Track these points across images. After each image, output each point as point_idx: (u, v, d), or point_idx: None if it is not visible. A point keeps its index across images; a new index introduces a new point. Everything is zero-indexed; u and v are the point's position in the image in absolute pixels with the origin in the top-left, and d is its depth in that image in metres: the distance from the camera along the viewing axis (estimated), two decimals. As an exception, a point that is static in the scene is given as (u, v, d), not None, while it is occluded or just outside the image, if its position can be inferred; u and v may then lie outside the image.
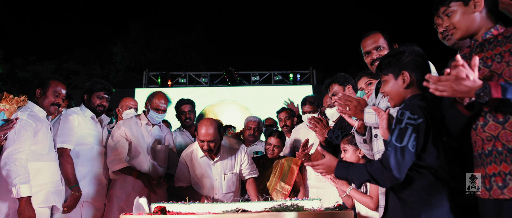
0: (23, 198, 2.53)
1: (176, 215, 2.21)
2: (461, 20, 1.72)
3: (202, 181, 3.35)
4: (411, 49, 1.80)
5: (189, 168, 3.37)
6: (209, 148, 3.16)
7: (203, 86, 10.45)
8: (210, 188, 3.33)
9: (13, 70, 15.41)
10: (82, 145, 3.18)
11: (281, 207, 2.21)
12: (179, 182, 3.39)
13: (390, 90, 1.84)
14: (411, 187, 1.65)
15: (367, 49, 2.59)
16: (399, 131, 1.63)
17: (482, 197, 1.64)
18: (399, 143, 1.60)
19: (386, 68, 1.84)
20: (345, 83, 3.25)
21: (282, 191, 3.49)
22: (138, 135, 3.46)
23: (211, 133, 3.12)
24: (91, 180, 3.17)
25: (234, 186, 3.42)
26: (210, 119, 3.27)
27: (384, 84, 1.87)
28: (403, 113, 1.65)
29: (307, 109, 3.84)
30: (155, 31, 19.79)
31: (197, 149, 3.34)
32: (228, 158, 3.40)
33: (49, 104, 2.95)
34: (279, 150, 3.65)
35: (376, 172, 1.65)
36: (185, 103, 4.26)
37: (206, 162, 3.34)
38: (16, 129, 2.67)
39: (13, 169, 2.56)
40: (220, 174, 3.34)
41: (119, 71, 18.35)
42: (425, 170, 1.65)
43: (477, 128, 1.66)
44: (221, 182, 3.34)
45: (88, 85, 3.44)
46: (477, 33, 1.72)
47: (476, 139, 1.67)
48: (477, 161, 1.69)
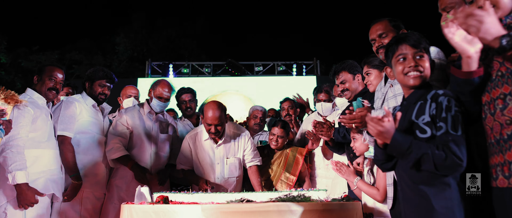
0: (20, 184, 2.50)
1: (178, 205, 2.16)
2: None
3: (203, 164, 3.32)
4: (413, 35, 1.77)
5: (192, 151, 3.35)
6: (216, 130, 3.17)
7: (206, 76, 10.39)
8: (210, 172, 3.30)
9: (16, 60, 15.46)
10: (83, 133, 3.13)
11: (287, 197, 2.15)
12: (180, 165, 3.36)
13: (426, 66, 1.77)
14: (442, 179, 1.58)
15: (373, 37, 2.59)
16: (452, 119, 1.58)
17: (500, 186, 1.55)
18: (455, 131, 1.56)
19: (423, 45, 1.79)
20: (354, 72, 3.15)
21: (286, 182, 3.44)
22: (140, 123, 3.41)
23: (218, 116, 3.13)
24: (92, 169, 3.13)
25: (236, 171, 3.37)
26: (216, 102, 3.25)
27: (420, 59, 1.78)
28: (450, 100, 1.61)
29: (322, 97, 3.76)
30: (158, 21, 19.72)
31: (201, 132, 3.35)
32: (232, 142, 3.39)
33: (46, 89, 2.91)
34: (283, 140, 3.58)
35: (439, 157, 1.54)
36: (185, 92, 4.21)
37: (210, 145, 3.33)
38: (14, 116, 2.63)
39: (9, 156, 2.53)
40: (223, 158, 3.32)
41: (121, 62, 18.36)
42: None
43: (495, 113, 1.58)
44: (223, 166, 3.32)
45: (89, 73, 3.37)
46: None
47: (493, 125, 1.59)
48: (493, 148, 1.60)
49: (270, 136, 3.62)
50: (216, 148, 3.32)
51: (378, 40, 2.56)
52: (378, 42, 2.56)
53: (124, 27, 19.02)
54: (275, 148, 3.59)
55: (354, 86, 3.13)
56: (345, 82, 3.14)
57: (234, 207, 2.08)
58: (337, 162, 2.78)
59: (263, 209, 2.03)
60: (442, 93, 1.65)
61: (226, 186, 3.29)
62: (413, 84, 1.76)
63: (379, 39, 2.56)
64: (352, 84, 3.12)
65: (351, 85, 3.12)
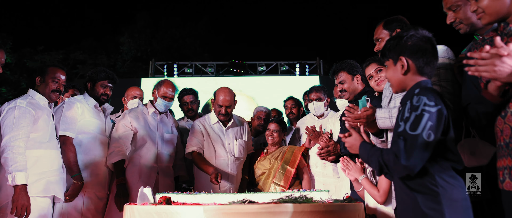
0: (18, 185, 2.50)
1: (181, 206, 2.16)
2: (490, 4, 1.61)
3: (215, 144, 3.48)
4: (412, 33, 1.68)
5: (203, 132, 3.52)
6: (226, 112, 3.46)
7: (209, 76, 10.39)
8: (222, 150, 3.47)
9: (21, 60, 15.60)
10: (85, 133, 3.13)
11: (289, 199, 2.15)
12: (191, 147, 3.42)
13: (390, 76, 1.76)
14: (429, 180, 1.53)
15: (376, 37, 2.62)
16: (414, 117, 1.51)
17: (506, 189, 1.54)
18: (412, 130, 1.49)
19: (387, 53, 1.75)
20: (354, 72, 3.11)
21: (285, 173, 3.43)
22: (145, 123, 3.42)
23: (229, 99, 3.46)
24: (93, 169, 3.13)
25: (244, 152, 3.60)
26: (226, 87, 3.54)
27: (386, 70, 1.80)
28: (419, 99, 1.53)
29: (313, 97, 3.77)
30: (161, 21, 19.79)
31: (209, 117, 3.60)
32: (238, 126, 3.66)
33: (50, 91, 2.92)
34: (279, 135, 3.64)
35: (389, 160, 1.55)
36: (187, 93, 4.24)
37: (219, 128, 3.56)
38: (15, 116, 2.64)
39: (10, 157, 2.53)
40: (232, 139, 3.55)
41: (125, 61, 18.46)
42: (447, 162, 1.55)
43: (506, 116, 1.56)
44: (234, 146, 3.53)
45: (91, 73, 3.37)
46: (508, 17, 1.61)
47: (504, 127, 1.57)
48: (503, 150, 1.58)
49: (266, 132, 3.69)
50: (225, 130, 3.55)
51: (384, 39, 2.56)
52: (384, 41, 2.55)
53: (128, 27, 19.14)
54: (272, 142, 3.63)
55: (353, 87, 3.10)
56: (344, 82, 3.11)
57: (236, 208, 2.08)
58: (344, 158, 2.75)
59: (265, 210, 2.03)
60: (417, 92, 1.59)
61: (233, 168, 3.47)
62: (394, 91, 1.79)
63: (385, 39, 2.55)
64: (351, 85, 3.10)
65: (350, 85, 3.10)
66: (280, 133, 3.65)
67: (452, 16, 2.12)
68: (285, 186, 3.39)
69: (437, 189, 1.51)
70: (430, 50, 1.67)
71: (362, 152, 1.77)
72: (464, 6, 2.05)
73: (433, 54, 1.68)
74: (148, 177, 3.27)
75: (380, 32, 2.61)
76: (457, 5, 2.08)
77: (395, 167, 1.53)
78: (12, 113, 2.67)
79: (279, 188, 3.37)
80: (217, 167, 3.30)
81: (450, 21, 2.14)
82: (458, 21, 2.10)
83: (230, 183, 3.40)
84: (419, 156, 1.48)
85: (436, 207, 1.50)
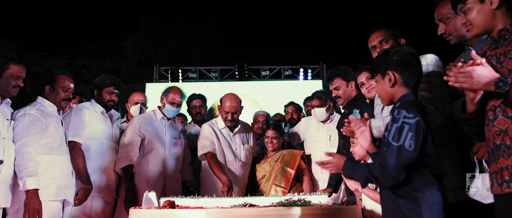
0: (29, 190, 2.58)
1: (184, 209, 2.24)
2: (476, 17, 1.70)
3: (225, 150, 3.55)
4: (397, 49, 1.83)
5: (214, 136, 3.56)
6: (233, 118, 3.53)
7: (213, 81, 10.47)
8: (231, 156, 3.53)
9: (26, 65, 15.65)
10: (93, 139, 3.22)
11: (288, 202, 2.22)
12: (205, 148, 3.47)
13: (380, 90, 1.89)
14: (410, 185, 1.65)
15: (374, 44, 2.67)
16: (396, 129, 1.64)
17: (494, 193, 1.63)
18: (396, 142, 1.62)
19: (375, 68, 1.88)
20: (348, 79, 3.21)
21: (285, 175, 3.49)
22: (153, 129, 3.49)
23: (235, 106, 3.52)
24: (101, 174, 3.21)
25: (248, 158, 3.65)
26: (232, 94, 3.62)
27: (376, 84, 1.93)
28: (399, 112, 1.66)
29: (315, 103, 3.79)
30: (166, 26, 19.90)
31: (216, 122, 3.65)
32: (244, 132, 3.72)
33: (61, 100, 3.01)
34: (278, 141, 3.70)
35: (376, 172, 1.67)
36: (196, 98, 4.32)
37: (227, 133, 3.62)
38: (25, 124, 2.74)
39: (21, 163, 2.62)
40: (239, 144, 3.62)
41: (130, 66, 18.53)
42: (425, 168, 1.66)
43: (489, 124, 1.65)
44: (240, 151, 3.61)
45: (97, 80, 3.47)
46: (494, 30, 1.70)
47: (489, 135, 1.66)
48: (490, 156, 1.67)
49: (265, 139, 3.74)
50: (232, 135, 3.62)
51: (379, 46, 2.63)
52: (379, 48, 2.63)
53: (132, 32, 19.22)
54: (272, 149, 3.70)
55: (348, 93, 3.19)
56: (339, 88, 3.20)
57: (237, 211, 2.15)
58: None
59: (265, 214, 2.10)
60: (397, 105, 1.71)
61: (241, 172, 3.54)
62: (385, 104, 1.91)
63: (380, 46, 2.63)
64: (345, 91, 3.19)
65: (344, 92, 3.19)
66: (279, 138, 3.71)
67: (442, 27, 2.25)
68: (286, 187, 3.44)
69: (416, 194, 1.64)
70: (414, 64, 1.80)
71: (345, 170, 1.87)
72: (453, 19, 2.18)
73: (417, 68, 1.81)
74: (156, 182, 3.34)
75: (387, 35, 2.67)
76: (447, 18, 2.21)
77: (383, 177, 1.65)
78: (22, 120, 2.76)
79: (280, 189, 3.43)
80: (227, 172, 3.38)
81: (440, 32, 2.26)
82: (448, 32, 2.23)
83: (237, 187, 3.46)
84: (404, 164, 1.60)
85: (415, 209, 1.63)
